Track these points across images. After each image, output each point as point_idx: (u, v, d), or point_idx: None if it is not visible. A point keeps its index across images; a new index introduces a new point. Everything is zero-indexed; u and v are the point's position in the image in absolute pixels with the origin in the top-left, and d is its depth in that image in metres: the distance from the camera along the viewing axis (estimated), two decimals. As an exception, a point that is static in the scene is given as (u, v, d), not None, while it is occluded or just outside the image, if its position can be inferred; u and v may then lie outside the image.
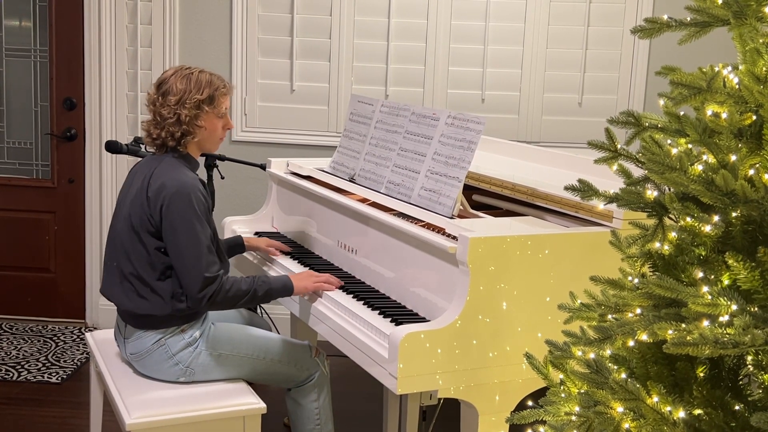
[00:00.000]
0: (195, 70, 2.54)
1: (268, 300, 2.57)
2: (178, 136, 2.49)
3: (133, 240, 2.47)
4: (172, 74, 2.52)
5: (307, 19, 4.17)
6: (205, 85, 2.50)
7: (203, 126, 2.52)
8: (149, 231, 2.45)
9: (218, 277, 2.42)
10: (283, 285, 2.54)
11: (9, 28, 4.36)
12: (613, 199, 1.63)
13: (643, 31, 1.60)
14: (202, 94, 2.49)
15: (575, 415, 1.57)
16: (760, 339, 1.24)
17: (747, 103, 1.42)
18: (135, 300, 2.48)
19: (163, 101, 2.49)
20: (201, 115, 2.51)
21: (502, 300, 2.17)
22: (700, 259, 1.49)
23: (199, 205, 2.44)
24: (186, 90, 2.48)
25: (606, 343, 1.51)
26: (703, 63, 1.55)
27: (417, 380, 2.10)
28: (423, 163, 2.61)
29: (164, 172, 2.48)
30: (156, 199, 2.43)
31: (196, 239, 2.40)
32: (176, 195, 2.41)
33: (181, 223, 2.41)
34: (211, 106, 2.52)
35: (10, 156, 4.43)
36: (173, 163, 2.51)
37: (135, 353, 2.53)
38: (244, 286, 2.47)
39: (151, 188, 2.46)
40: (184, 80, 2.49)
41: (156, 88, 2.54)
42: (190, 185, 2.44)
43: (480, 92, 4.19)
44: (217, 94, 2.53)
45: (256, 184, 4.24)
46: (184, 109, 2.47)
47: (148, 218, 2.45)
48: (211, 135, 2.56)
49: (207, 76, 2.53)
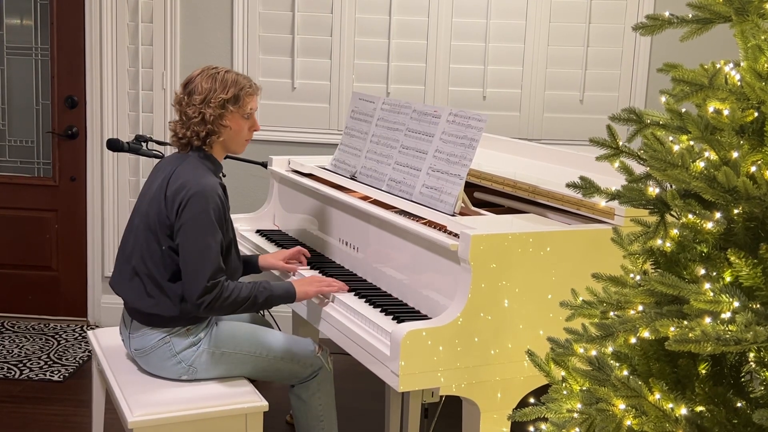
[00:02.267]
0: (222, 69, 2.53)
1: (270, 306, 2.55)
2: (203, 135, 2.48)
3: (148, 238, 2.47)
4: (198, 74, 2.52)
5: (308, 16, 4.16)
6: (230, 84, 2.49)
7: (228, 126, 2.51)
8: (165, 231, 2.44)
9: (219, 284, 2.40)
10: (285, 291, 2.52)
11: (10, 26, 4.36)
12: (615, 197, 1.63)
13: (644, 28, 1.59)
14: (227, 94, 2.48)
15: (577, 412, 1.57)
16: (762, 336, 1.24)
17: (749, 99, 1.42)
18: (143, 298, 2.48)
19: (189, 100, 2.49)
20: (226, 115, 2.49)
21: (504, 297, 2.17)
22: (702, 256, 1.49)
23: (216, 212, 2.41)
24: (211, 89, 2.47)
25: (608, 340, 1.51)
26: (705, 60, 1.55)
27: (419, 378, 2.10)
28: (424, 160, 2.61)
29: (185, 172, 2.46)
30: (174, 200, 2.42)
31: (203, 246, 2.38)
32: (194, 198, 2.39)
33: (193, 227, 2.39)
34: (236, 106, 2.50)
35: (12, 154, 4.44)
36: (196, 164, 2.49)
37: (139, 349, 2.54)
38: (244, 292, 2.44)
39: (170, 188, 2.44)
40: (209, 79, 2.49)
41: (182, 87, 2.54)
42: (209, 190, 2.41)
43: (481, 89, 4.18)
44: (243, 93, 2.51)
45: (257, 181, 4.24)
46: (208, 108, 2.46)
47: (164, 218, 2.44)
48: (236, 135, 2.55)
49: (233, 75, 2.52)
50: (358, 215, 2.72)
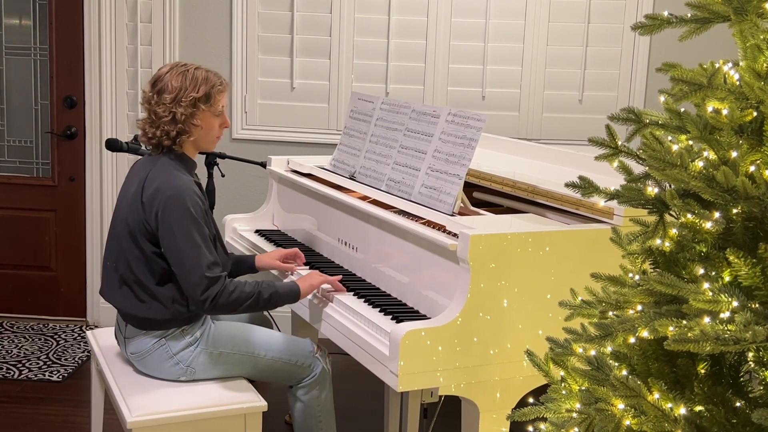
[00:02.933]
0: (191, 66, 2.49)
1: (273, 306, 2.51)
2: (173, 135, 2.44)
3: (130, 244, 2.45)
4: (167, 71, 2.47)
5: (307, 16, 4.16)
6: (201, 82, 2.45)
7: (199, 125, 2.47)
8: (146, 236, 2.42)
9: (221, 278, 2.38)
10: (289, 289, 2.50)
11: (9, 26, 4.35)
12: (614, 196, 1.62)
13: (643, 28, 1.59)
14: (198, 92, 2.44)
15: (576, 412, 1.57)
16: (761, 335, 1.24)
17: (748, 99, 1.42)
18: (135, 305, 2.46)
19: (159, 99, 2.44)
20: (197, 114, 2.46)
21: (503, 297, 2.17)
22: (701, 255, 1.49)
23: (195, 208, 2.40)
24: (182, 87, 2.43)
25: (607, 340, 1.51)
26: (704, 59, 1.55)
27: (418, 378, 2.10)
28: (423, 160, 2.61)
29: (158, 175, 2.43)
30: (151, 205, 2.40)
31: (193, 243, 2.37)
32: (171, 200, 2.37)
33: (178, 228, 2.37)
34: (207, 104, 2.47)
35: (11, 154, 4.43)
36: (167, 166, 2.46)
37: (136, 353, 2.53)
38: (248, 288, 2.42)
39: (146, 193, 2.42)
40: (179, 77, 2.44)
41: (151, 85, 2.49)
42: (184, 189, 2.39)
43: (480, 89, 4.18)
44: (214, 91, 2.48)
45: (256, 182, 4.24)
46: (179, 107, 2.42)
47: (144, 224, 2.42)
48: (207, 134, 2.52)
49: (203, 73, 2.48)
50: (357, 215, 2.72)
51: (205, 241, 2.40)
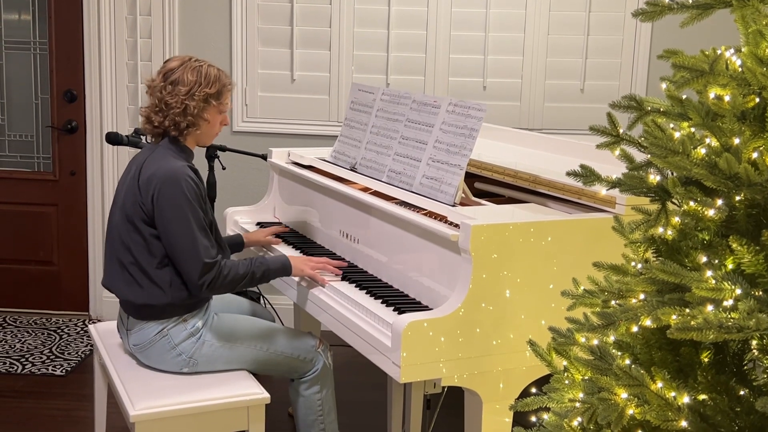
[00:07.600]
0: (204, 63, 2.56)
1: (267, 280, 2.59)
2: (183, 126, 2.51)
3: (129, 230, 2.48)
4: (180, 65, 2.53)
5: (307, 8, 4.15)
6: (214, 80, 2.54)
7: (207, 119, 2.55)
8: (143, 220, 2.46)
9: (216, 262, 2.43)
10: (281, 264, 2.58)
11: (8, 21, 4.35)
12: (616, 185, 1.62)
13: (644, 14, 1.58)
14: (211, 89, 2.52)
15: (579, 401, 1.57)
16: (765, 323, 1.23)
17: (750, 85, 1.41)
18: (134, 289, 2.48)
19: (172, 90, 2.50)
20: (207, 109, 2.54)
21: (505, 287, 2.17)
22: (704, 243, 1.48)
23: (190, 191, 2.44)
24: (196, 82, 2.50)
25: (609, 329, 1.50)
26: (706, 46, 1.54)
27: (420, 369, 2.09)
28: (424, 151, 2.60)
29: (155, 161, 2.49)
30: (147, 188, 2.44)
31: (188, 226, 2.41)
32: (166, 182, 2.42)
33: (173, 210, 2.41)
34: (217, 101, 2.55)
35: (11, 149, 4.43)
36: (165, 152, 2.51)
37: (138, 344, 2.53)
38: (241, 269, 2.49)
39: (142, 177, 2.47)
40: (194, 72, 2.51)
41: (162, 76, 2.53)
42: (179, 172, 2.44)
43: (481, 79, 4.17)
44: (224, 90, 2.58)
45: (257, 174, 4.23)
46: (192, 100, 2.49)
47: (140, 207, 2.46)
48: (211, 129, 2.60)
49: (215, 71, 2.56)
50: (358, 206, 2.71)
51: (201, 224, 2.44)
